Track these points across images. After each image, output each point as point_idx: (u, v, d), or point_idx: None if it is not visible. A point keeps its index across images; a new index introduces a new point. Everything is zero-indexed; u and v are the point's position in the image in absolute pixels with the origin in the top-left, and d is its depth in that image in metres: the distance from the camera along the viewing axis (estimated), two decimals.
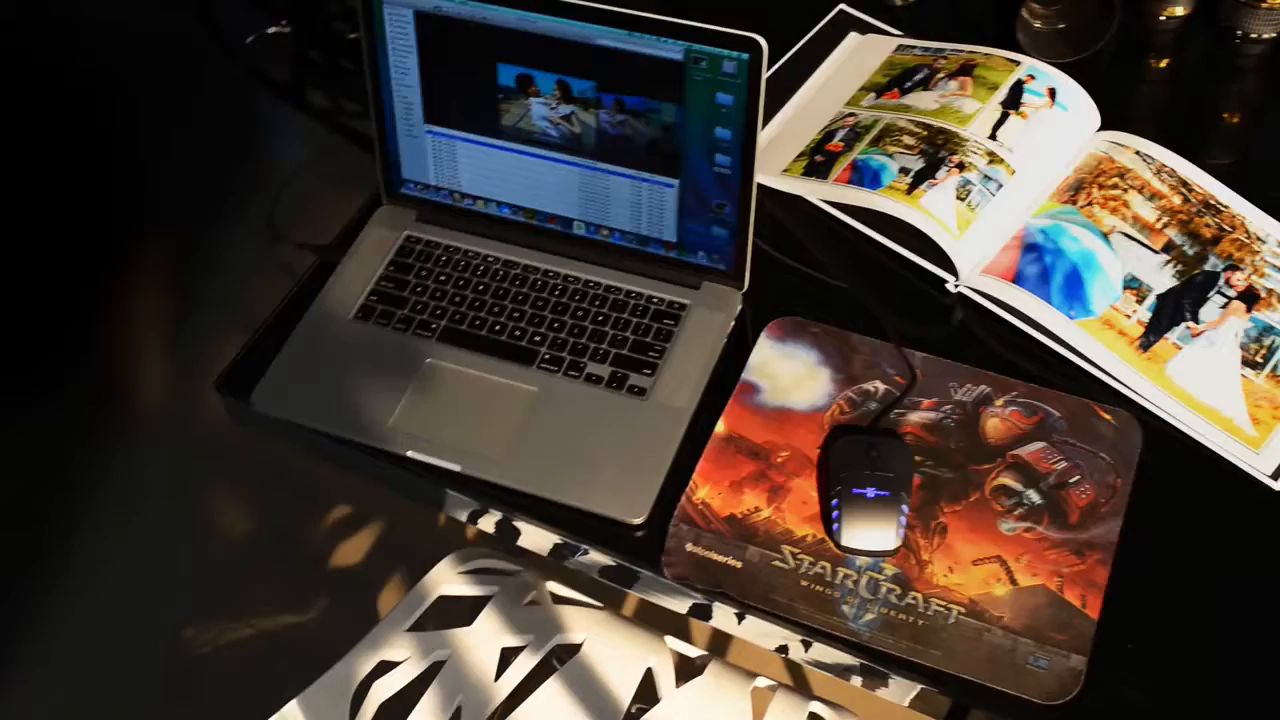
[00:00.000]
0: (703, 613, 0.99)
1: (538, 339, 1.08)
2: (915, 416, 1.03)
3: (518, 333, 1.09)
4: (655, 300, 1.09)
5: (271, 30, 2.36)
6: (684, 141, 1.04)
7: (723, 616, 0.97)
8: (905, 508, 0.96)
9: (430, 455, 1.03)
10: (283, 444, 1.12)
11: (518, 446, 1.02)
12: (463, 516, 1.08)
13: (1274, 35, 1.24)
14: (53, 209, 2.29)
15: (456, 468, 1.02)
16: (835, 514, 0.96)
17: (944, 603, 0.93)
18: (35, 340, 2.14)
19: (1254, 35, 1.24)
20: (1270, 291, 1.06)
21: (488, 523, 1.06)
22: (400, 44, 1.08)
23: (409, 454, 1.03)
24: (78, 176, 2.35)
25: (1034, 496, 0.98)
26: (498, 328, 1.09)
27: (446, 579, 1.15)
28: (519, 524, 1.03)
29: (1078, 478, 0.98)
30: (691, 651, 1.09)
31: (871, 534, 0.95)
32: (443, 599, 1.14)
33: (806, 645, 0.95)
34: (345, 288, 1.13)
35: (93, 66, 2.50)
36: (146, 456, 1.99)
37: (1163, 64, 1.29)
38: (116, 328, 2.16)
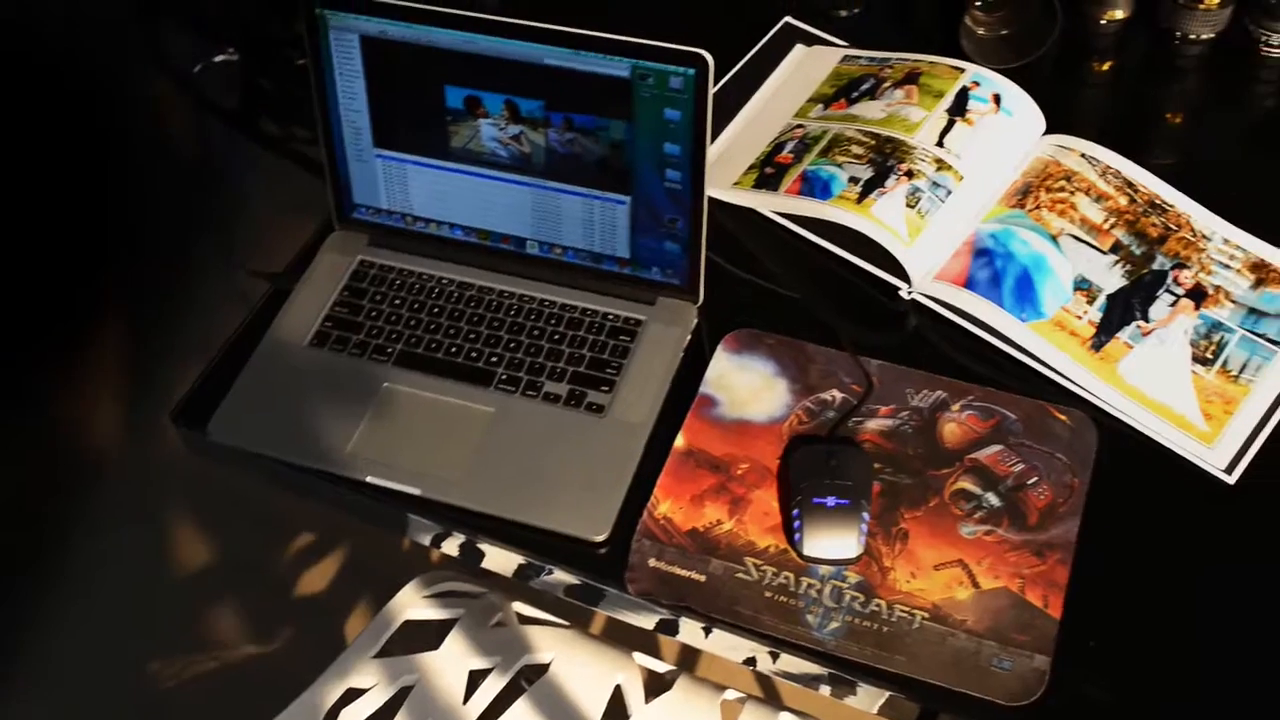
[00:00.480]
0: (669, 628, 0.98)
1: (494, 359, 1.08)
2: (873, 424, 1.03)
3: (474, 354, 1.09)
4: (610, 317, 1.09)
5: (219, 59, 2.35)
6: (634, 158, 1.04)
7: (689, 631, 0.97)
8: (866, 515, 0.96)
9: (390, 480, 1.02)
10: (242, 473, 1.11)
11: (477, 468, 1.02)
12: (426, 540, 1.07)
13: (1212, 36, 1.25)
14: (36, 215, 2.25)
15: (416, 491, 1.02)
16: (797, 524, 0.96)
17: (907, 608, 0.93)
18: None
19: (1192, 36, 1.25)
20: (1217, 288, 1.07)
21: (451, 546, 1.06)
22: (347, 69, 1.08)
23: (368, 479, 1.02)
24: (70, 183, 2.32)
25: (993, 499, 0.98)
26: (454, 349, 1.09)
27: (412, 603, 1.14)
28: (482, 546, 1.03)
29: (1035, 479, 0.99)
30: (660, 667, 1.09)
31: (833, 543, 0.95)
32: (409, 623, 1.13)
33: (774, 656, 0.95)
34: (299, 314, 1.13)
35: (93, 66, 2.47)
36: (104, 490, 1.96)
37: (1105, 67, 1.30)
38: (67, 359, 2.14)
